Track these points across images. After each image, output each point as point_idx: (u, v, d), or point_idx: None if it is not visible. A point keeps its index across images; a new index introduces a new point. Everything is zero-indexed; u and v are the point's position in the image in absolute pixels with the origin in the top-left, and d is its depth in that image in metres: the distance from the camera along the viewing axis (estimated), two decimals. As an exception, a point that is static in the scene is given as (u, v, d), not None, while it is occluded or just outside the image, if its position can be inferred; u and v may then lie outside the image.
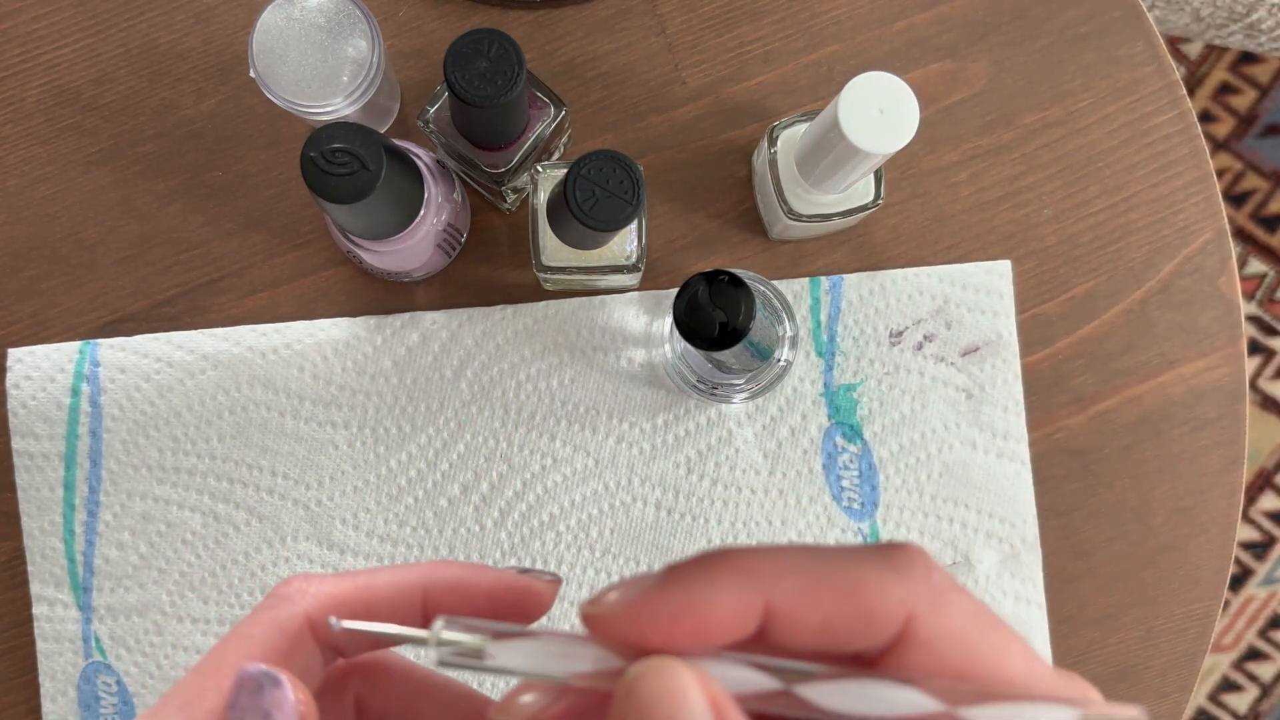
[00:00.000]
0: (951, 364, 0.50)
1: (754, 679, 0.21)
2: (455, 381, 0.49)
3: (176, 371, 0.49)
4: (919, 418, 0.50)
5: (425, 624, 0.27)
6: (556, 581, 0.28)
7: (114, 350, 0.49)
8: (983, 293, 0.50)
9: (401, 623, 0.26)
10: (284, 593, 0.26)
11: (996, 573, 0.49)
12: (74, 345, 0.49)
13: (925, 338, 0.50)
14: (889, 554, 0.21)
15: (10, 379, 0.49)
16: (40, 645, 0.48)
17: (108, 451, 0.49)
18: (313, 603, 0.26)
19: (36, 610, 0.49)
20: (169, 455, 0.49)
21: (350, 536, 0.48)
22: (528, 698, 0.22)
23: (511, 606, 0.27)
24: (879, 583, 0.21)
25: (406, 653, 0.29)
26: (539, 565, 0.49)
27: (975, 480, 0.50)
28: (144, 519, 0.49)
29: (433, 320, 0.49)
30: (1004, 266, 0.50)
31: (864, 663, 0.22)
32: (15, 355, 0.49)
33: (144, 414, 0.49)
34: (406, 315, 0.49)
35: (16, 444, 0.49)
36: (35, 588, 0.49)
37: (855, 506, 0.50)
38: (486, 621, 0.22)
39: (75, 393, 0.49)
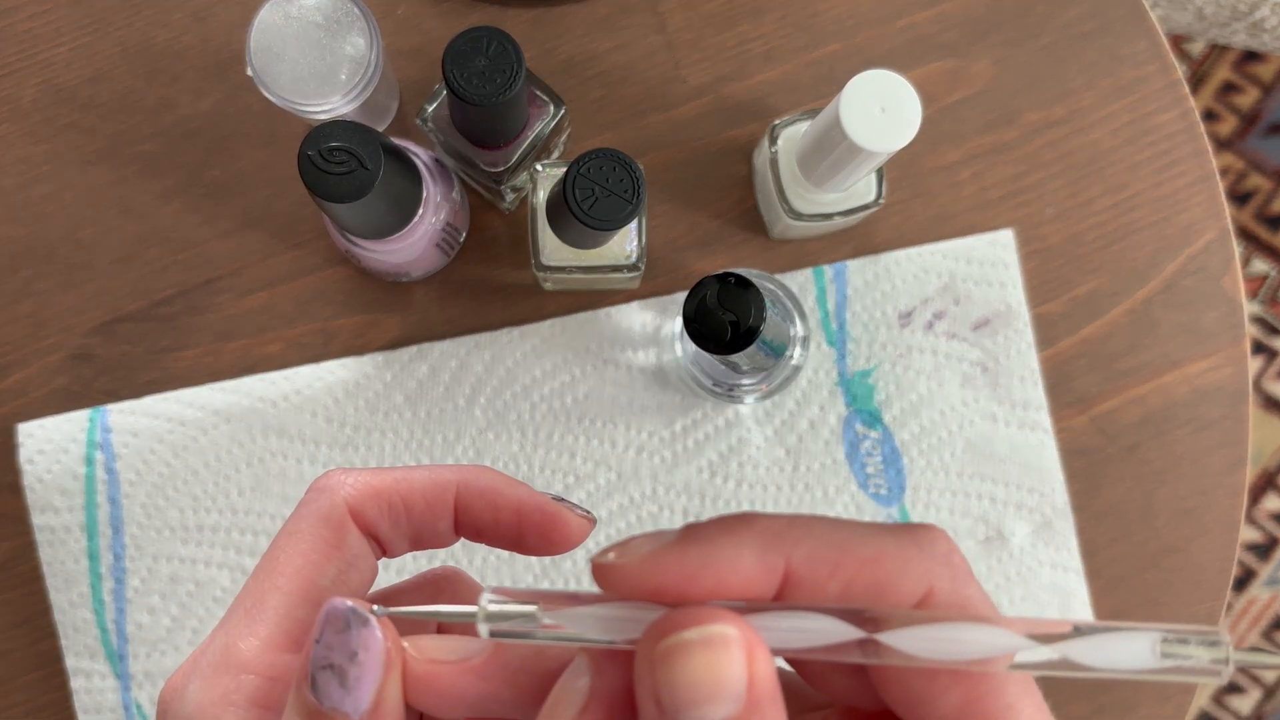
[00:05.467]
0: (964, 339, 0.50)
1: (830, 628, 0.20)
2: (469, 410, 0.49)
3: (189, 429, 0.49)
4: (937, 396, 0.50)
5: (455, 524, 0.28)
6: (590, 520, 0.28)
7: (124, 415, 0.49)
8: (987, 265, 0.50)
9: (433, 520, 0.27)
10: (323, 485, 0.26)
11: (1031, 543, 0.49)
12: (83, 414, 0.48)
13: (935, 316, 0.50)
14: (912, 530, 0.21)
15: (23, 454, 0.48)
16: (82, 718, 0.48)
17: (128, 517, 0.48)
18: (351, 491, 0.26)
19: (75, 683, 0.48)
20: (190, 514, 0.48)
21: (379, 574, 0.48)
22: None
23: (537, 528, 0.27)
24: (900, 554, 0.20)
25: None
26: (572, 584, 0.49)
27: (999, 453, 0.49)
28: (172, 581, 0.48)
29: (440, 351, 0.49)
30: (1006, 236, 0.50)
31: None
32: (25, 430, 0.48)
33: (161, 475, 0.48)
34: (414, 348, 0.49)
35: (37, 519, 0.48)
36: (71, 661, 0.48)
37: (882, 492, 0.49)
38: (532, 590, 0.22)
39: (90, 461, 0.48)
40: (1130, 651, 0.19)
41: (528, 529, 0.28)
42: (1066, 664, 0.19)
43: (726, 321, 0.39)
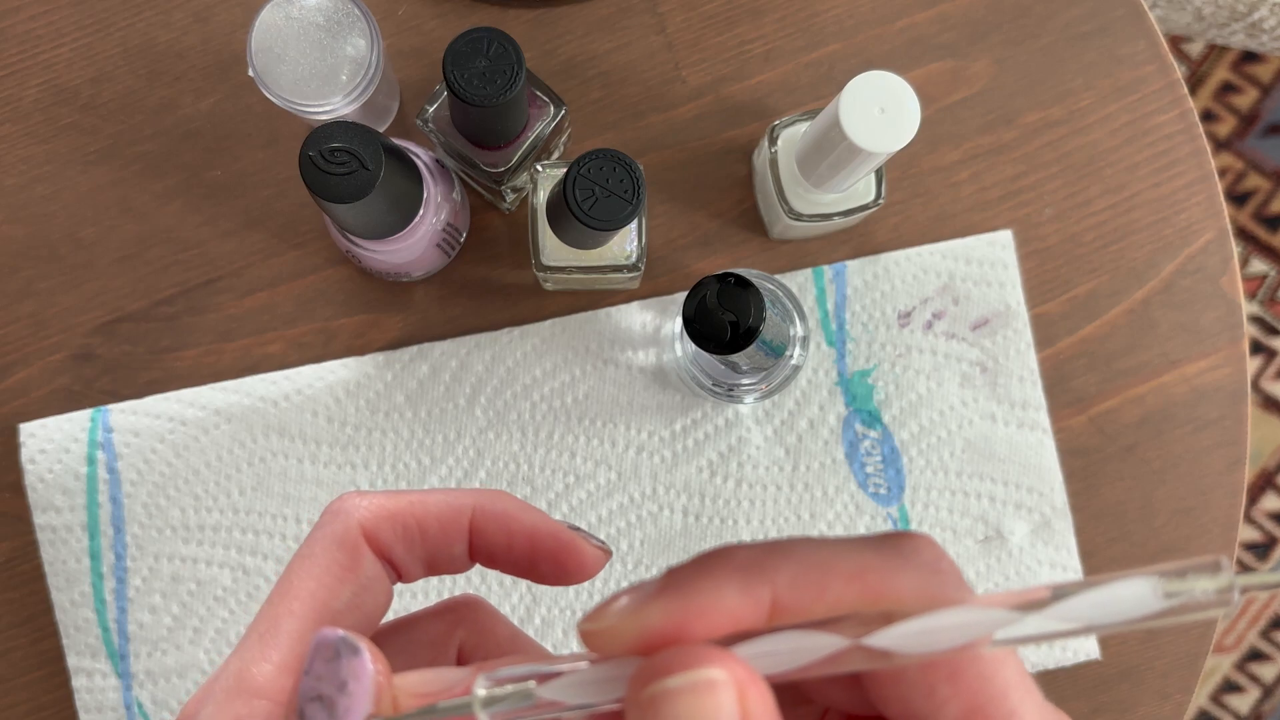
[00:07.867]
0: (963, 339, 0.50)
1: (814, 643, 0.19)
2: (470, 409, 0.49)
3: (190, 429, 0.49)
4: (936, 396, 0.50)
5: (470, 548, 0.27)
6: (605, 552, 0.28)
7: (125, 414, 0.49)
8: (986, 265, 0.50)
9: (448, 544, 0.27)
10: (337, 508, 0.26)
11: (1030, 543, 0.49)
12: (85, 414, 0.49)
13: (934, 316, 0.50)
14: (896, 540, 0.21)
15: (25, 454, 0.48)
16: (83, 717, 0.48)
17: (130, 516, 0.48)
18: (366, 514, 0.25)
19: (76, 682, 0.48)
20: (191, 514, 0.49)
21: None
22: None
23: (550, 556, 0.27)
24: (884, 566, 0.20)
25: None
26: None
27: (999, 453, 0.50)
28: (173, 580, 0.48)
29: (441, 350, 0.49)
30: (1005, 237, 0.50)
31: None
32: (27, 430, 0.48)
33: (162, 475, 0.49)
34: (414, 348, 0.49)
35: (39, 518, 0.48)
36: (72, 660, 0.48)
37: (882, 492, 0.50)
38: (525, 666, 0.21)
39: (91, 461, 0.48)
40: (1131, 600, 0.18)
41: (541, 556, 0.27)
42: (1069, 628, 0.18)
43: (726, 321, 0.39)
